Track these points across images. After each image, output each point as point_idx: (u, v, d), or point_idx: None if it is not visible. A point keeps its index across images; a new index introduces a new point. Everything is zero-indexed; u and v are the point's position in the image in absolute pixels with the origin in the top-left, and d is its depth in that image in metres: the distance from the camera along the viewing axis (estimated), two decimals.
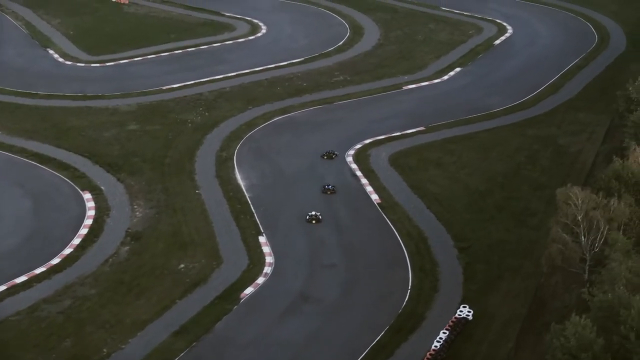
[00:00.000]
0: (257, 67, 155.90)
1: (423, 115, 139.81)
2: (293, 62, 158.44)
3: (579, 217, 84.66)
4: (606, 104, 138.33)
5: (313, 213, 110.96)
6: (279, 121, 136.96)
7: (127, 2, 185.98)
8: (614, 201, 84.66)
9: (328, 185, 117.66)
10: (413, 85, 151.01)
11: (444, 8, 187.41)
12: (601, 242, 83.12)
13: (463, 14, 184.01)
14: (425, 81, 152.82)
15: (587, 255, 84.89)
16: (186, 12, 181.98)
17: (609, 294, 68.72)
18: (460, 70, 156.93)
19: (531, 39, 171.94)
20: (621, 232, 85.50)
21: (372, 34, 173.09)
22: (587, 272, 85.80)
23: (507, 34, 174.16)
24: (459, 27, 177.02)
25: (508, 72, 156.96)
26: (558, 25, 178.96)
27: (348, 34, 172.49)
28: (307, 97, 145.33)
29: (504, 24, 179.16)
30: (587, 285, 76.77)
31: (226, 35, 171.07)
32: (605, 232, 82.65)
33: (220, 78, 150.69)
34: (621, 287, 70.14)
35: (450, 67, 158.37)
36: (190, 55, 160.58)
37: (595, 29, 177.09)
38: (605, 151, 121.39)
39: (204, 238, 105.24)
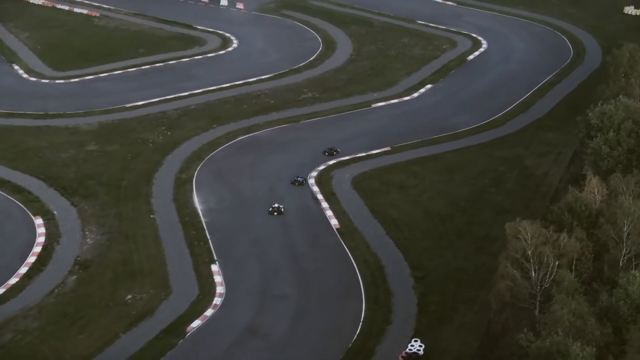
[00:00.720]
0: (225, 83, 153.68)
1: (390, 135, 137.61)
2: (262, 79, 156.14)
3: (529, 252, 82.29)
4: (576, 124, 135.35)
5: (276, 205, 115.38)
6: (242, 141, 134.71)
7: (97, 15, 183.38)
8: (563, 236, 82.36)
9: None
10: (382, 103, 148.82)
11: (420, 21, 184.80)
12: (550, 279, 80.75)
13: (439, 28, 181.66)
14: (395, 98, 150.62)
15: (537, 291, 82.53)
16: (158, 25, 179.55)
17: (547, 340, 66.44)
18: (431, 87, 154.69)
19: (505, 54, 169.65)
20: (573, 268, 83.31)
21: (344, 49, 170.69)
22: (537, 308, 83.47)
23: (482, 49, 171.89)
24: (433, 42, 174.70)
25: (479, 89, 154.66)
26: (534, 39, 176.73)
27: (320, 48, 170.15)
28: (273, 115, 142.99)
29: (479, 38, 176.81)
30: (525, 330, 74.43)
31: (196, 49, 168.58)
32: (554, 269, 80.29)
33: (186, 95, 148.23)
34: (560, 333, 67.87)
35: (421, 84, 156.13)
36: (157, 71, 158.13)
37: (571, 44, 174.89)
38: (569, 175, 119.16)
39: (154, 267, 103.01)
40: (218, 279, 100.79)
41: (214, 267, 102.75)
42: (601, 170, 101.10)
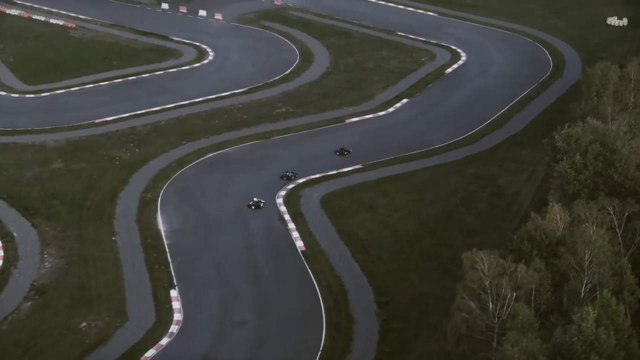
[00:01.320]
0: (198, 97, 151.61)
1: (363, 152, 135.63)
2: (236, 92, 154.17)
3: (486, 283, 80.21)
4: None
5: (256, 199, 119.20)
6: (211, 158, 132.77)
7: (74, 26, 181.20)
8: (521, 267, 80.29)
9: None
10: (356, 118, 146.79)
11: (399, 33, 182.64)
12: (507, 312, 78.66)
13: (418, 40, 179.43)
14: (370, 113, 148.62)
15: (495, 323, 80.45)
16: (134, 36, 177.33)
17: None
18: (407, 102, 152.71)
19: (484, 67, 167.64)
20: (532, 299, 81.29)
21: (321, 62, 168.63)
22: (495, 340, 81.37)
23: (460, 62, 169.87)
24: (412, 54, 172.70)
25: (456, 104, 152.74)
26: (514, 51, 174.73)
27: (297, 61, 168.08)
28: (245, 131, 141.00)
29: (459, 50, 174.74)
30: None
31: (171, 62, 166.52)
32: (511, 301, 78.23)
33: (158, 110, 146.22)
34: None
35: (398, 98, 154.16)
36: (130, 85, 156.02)
37: (551, 56, 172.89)
38: (540, 195, 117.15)
39: (112, 292, 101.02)
40: (176, 305, 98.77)
41: (173, 293, 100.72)
42: (567, 195, 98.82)
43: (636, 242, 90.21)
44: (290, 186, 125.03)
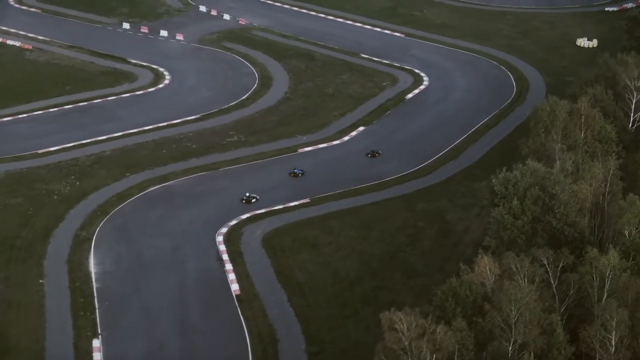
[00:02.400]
0: (149, 125, 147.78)
1: (312, 184, 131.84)
2: (188, 120, 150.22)
3: (406, 344, 76.29)
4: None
5: (247, 194, 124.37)
6: (154, 192, 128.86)
7: (30, 47, 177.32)
8: (440, 329, 76.35)
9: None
10: (309, 148, 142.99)
11: (364, 55, 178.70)
12: None
13: (382, 63, 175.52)
14: (324, 142, 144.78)
15: None
16: (91, 59, 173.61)
17: None
18: (363, 130, 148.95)
19: (446, 93, 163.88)
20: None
21: (280, 86, 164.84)
22: None
23: (422, 86, 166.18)
24: (373, 78, 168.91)
25: (412, 132, 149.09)
26: (477, 75, 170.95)
27: (255, 85, 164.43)
28: (192, 162, 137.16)
29: (422, 74, 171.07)
30: None
31: (125, 86, 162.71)
32: None
33: (104, 139, 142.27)
34: None
35: (354, 126, 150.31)
36: (80, 111, 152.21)
37: (515, 80, 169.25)
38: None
39: (31, 342, 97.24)
40: (97, 357, 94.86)
41: (96, 343, 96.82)
42: (504, 241, 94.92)
43: (570, 295, 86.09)
44: (233, 222, 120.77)
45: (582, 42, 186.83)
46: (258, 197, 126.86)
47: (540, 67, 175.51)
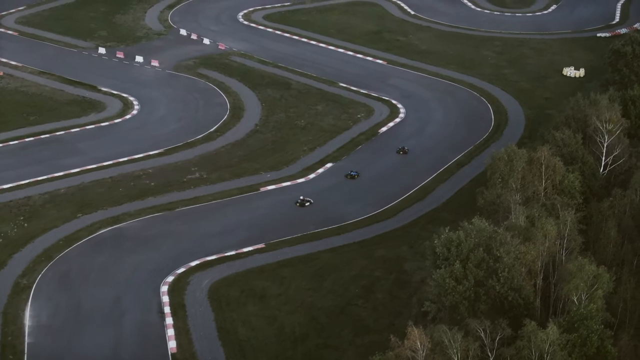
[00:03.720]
0: (109, 160, 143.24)
1: (270, 228, 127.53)
2: (150, 155, 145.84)
3: None
4: (471, 217, 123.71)
5: (302, 198, 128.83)
6: (104, 235, 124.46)
7: (1, 73, 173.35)
8: None
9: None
10: (272, 187, 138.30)
11: (342, 84, 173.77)
12: None
13: (359, 92, 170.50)
14: (288, 181, 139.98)
15: None
16: (61, 86, 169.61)
17: None
18: (330, 167, 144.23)
19: (420, 126, 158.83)
20: None
21: (251, 117, 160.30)
22: None
23: (398, 119, 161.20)
24: (349, 109, 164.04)
25: (381, 169, 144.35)
26: (456, 107, 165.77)
27: (225, 117, 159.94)
28: (149, 202, 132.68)
29: (399, 105, 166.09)
30: None
31: (92, 117, 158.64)
32: None
33: (60, 175, 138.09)
34: None
35: (322, 163, 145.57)
36: (40, 145, 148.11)
37: (494, 113, 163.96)
38: None
39: None
40: None
41: None
42: (445, 306, 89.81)
43: None
44: (181, 270, 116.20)
45: (569, 71, 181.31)
46: (312, 201, 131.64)
47: (523, 98, 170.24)
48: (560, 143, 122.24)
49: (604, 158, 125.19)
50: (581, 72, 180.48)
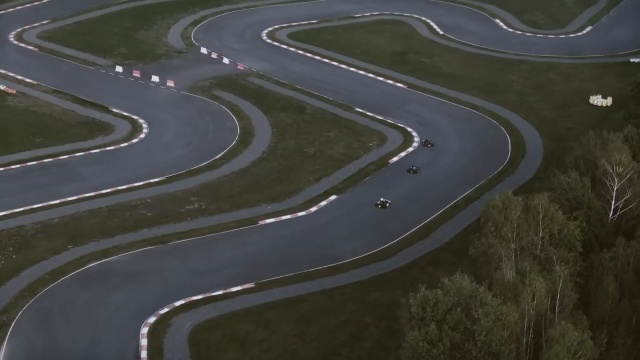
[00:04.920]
0: (109, 187, 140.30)
1: (262, 265, 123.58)
2: (151, 182, 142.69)
3: None
4: (472, 260, 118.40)
5: (382, 199, 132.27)
6: (92, 269, 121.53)
7: (14, 92, 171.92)
8: None
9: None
10: (271, 220, 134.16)
11: (358, 109, 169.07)
12: None
13: (375, 118, 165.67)
14: (288, 214, 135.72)
15: None
16: (72, 106, 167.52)
17: None
18: (334, 200, 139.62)
19: (434, 157, 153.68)
20: None
21: (260, 144, 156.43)
22: None
23: (411, 148, 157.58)
24: (361, 137, 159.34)
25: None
26: (473, 137, 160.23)
27: (234, 142, 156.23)
28: (142, 233, 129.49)
29: (414, 133, 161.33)
30: None
31: (99, 140, 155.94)
32: None
33: (56, 204, 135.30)
34: None
35: (326, 195, 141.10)
36: (42, 169, 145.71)
37: (512, 144, 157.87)
38: None
39: None
40: None
41: None
42: None
43: None
44: (164, 311, 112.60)
45: (596, 100, 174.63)
46: (390, 202, 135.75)
47: (544, 129, 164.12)
48: (566, 186, 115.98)
49: (613, 202, 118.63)
50: (608, 101, 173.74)
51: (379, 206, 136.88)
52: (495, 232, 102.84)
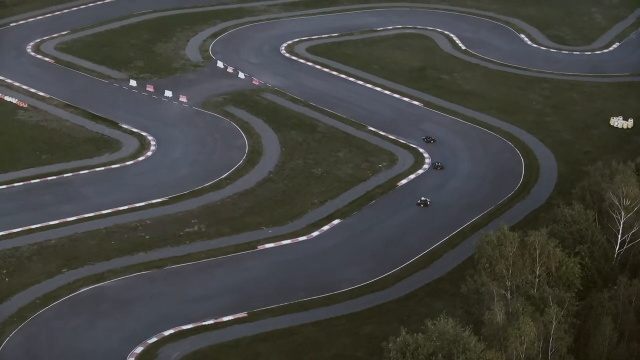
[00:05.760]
0: (109, 208, 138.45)
1: (257, 293, 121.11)
2: (152, 203, 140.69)
3: None
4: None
5: (423, 199, 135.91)
6: (84, 294, 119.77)
7: (26, 105, 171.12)
8: None
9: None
10: (271, 245, 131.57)
11: (371, 128, 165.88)
12: None
13: (387, 138, 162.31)
14: (289, 238, 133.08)
15: None
16: (82, 121, 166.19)
17: None
18: (337, 224, 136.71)
19: (444, 180, 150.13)
20: None
21: (268, 163, 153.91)
22: None
23: (421, 170, 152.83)
24: (371, 157, 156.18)
25: (390, 229, 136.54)
26: (486, 159, 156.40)
27: (241, 162, 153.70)
28: (139, 257, 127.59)
29: (425, 155, 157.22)
30: None
31: (105, 157, 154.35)
32: None
33: (55, 224, 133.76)
34: None
35: (329, 219, 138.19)
36: (44, 188, 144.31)
37: (525, 168, 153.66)
38: None
39: None
40: None
41: None
42: None
43: None
44: (152, 340, 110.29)
45: (616, 121, 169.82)
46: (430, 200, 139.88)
47: (561, 151, 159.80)
48: (569, 219, 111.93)
49: (620, 236, 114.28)
50: (629, 123, 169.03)
51: (422, 205, 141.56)
52: (489, 269, 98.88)
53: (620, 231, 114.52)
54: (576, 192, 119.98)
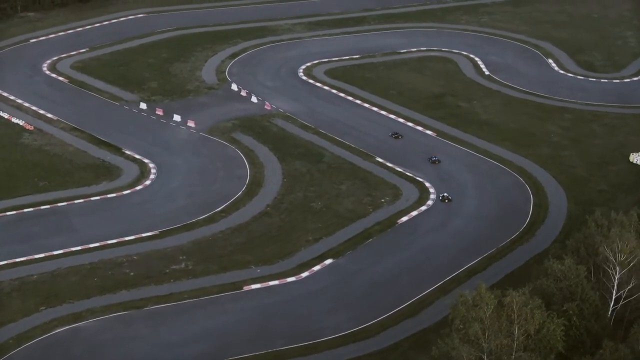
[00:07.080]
0: (97, 241, 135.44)
1: (235, 340, 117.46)
2: (142, 237, 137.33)
3: None
4: None
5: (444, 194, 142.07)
6: (57, 335, 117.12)
7: (32, 128, 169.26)
8: None
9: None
10: (257, 285, 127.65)
11: (378, 159, 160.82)
12: None
13: (394, 170, 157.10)
14: (277, 278, 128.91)
15: None
16: (85, 146, 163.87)
17: None
18: (329, 264, 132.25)
19: (446, 218, 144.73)
20: None
21: (266, 196, 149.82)
22: None
23: (424, 207, 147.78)
24: (374, 191, 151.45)
25: (382, 272, 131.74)
26: (494, 196, 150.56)
27: (240, 193, 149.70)
28: (120, 296, 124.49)
29: (431, 190, 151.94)
30: None
31: (102, 186, 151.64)
32: None
33: (40, 258, 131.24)
34: None
35: (321, 258, 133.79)
36: (36, 218, 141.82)
37: (534, 207, 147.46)
38: None
39: None
40: None
41: None
42: None
43: None
44: None
45: (636, 158, 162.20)
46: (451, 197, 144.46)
47: (573, 189, 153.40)
48: (559, 275, 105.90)
49: (614, 292, 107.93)
50: None
51: (446, 201, 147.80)
52: (462, 331, 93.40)
53: (615, 287, 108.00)
54: (570, 244, 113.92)
